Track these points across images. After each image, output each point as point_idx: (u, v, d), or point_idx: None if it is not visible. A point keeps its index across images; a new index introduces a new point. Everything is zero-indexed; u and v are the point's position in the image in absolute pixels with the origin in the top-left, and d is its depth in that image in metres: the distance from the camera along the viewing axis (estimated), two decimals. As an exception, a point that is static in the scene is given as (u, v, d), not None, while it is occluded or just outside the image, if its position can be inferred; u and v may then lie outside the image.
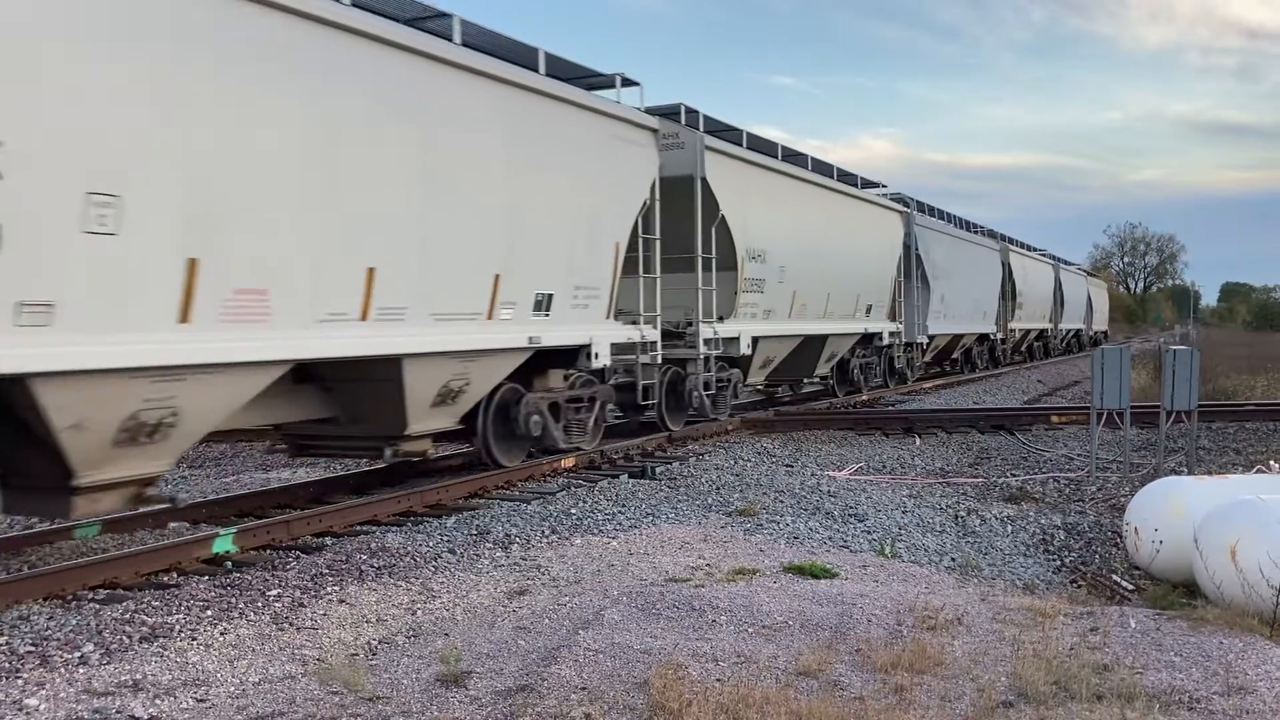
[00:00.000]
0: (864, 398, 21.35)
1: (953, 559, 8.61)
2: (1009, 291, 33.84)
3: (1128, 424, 12.50)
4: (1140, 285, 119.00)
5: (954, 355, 29.91)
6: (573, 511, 9.51)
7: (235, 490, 11.04)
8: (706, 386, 14.64)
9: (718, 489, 10.83)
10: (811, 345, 18.64)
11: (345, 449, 10.33)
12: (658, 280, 13.39)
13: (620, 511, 9.57)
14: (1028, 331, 37.95)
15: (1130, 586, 8.21)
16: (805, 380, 20.76)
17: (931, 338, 25.66)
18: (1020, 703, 4.73)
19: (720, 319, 14.90)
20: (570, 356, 11.85)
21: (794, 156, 18.01)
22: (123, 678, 5.12)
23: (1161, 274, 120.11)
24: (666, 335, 14.06)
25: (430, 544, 8.15)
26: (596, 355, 11.93)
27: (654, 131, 13.18)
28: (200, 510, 9.56)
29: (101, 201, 6.51)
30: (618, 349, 12.60)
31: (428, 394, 9.68)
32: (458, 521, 9.11)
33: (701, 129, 14.83)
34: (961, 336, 28.92)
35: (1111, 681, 4.94)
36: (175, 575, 7.40)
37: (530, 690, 4.89)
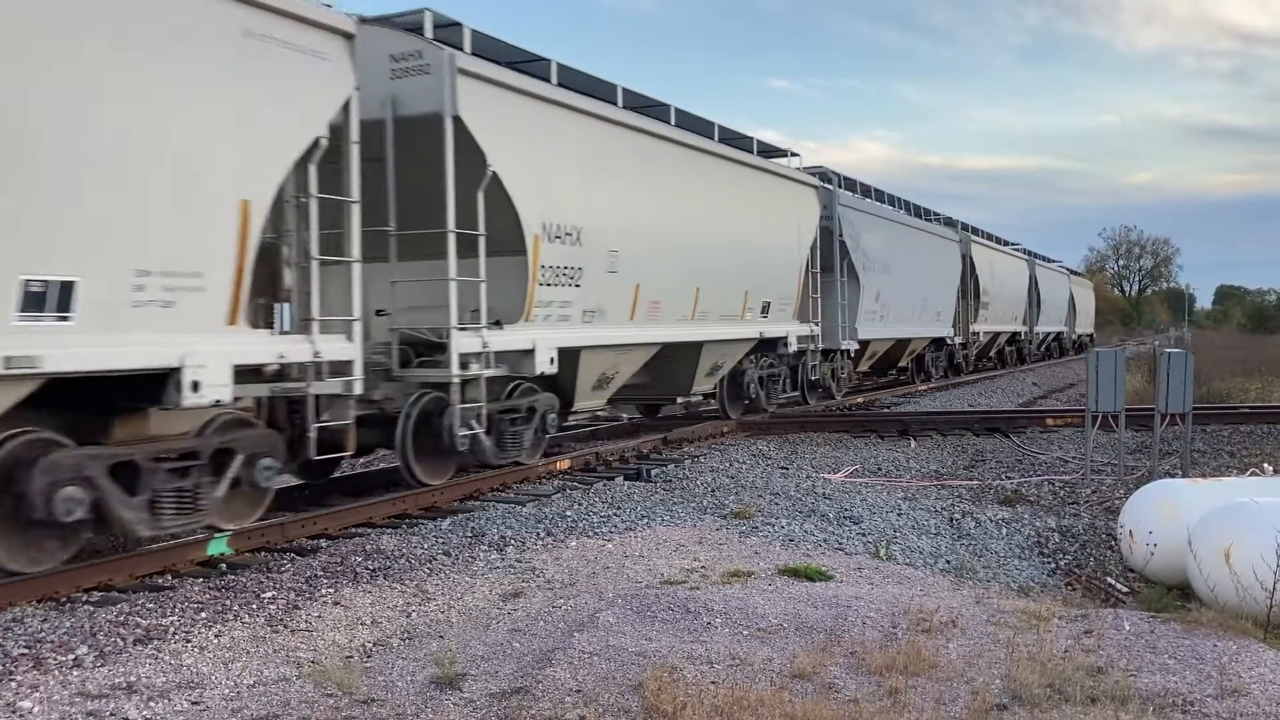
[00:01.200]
0: (770, 411, 17.61)
1: (948, 561, 8.62)
2: (971, 289, 29.54)
3: (1122, 427, 12.53)
4: (1135, 288, 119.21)
5: (901, 363, 26.14)
6: (568, 514, 9.51)
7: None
8: (482, 420, 10.36)
9: (713, 491, 10.84)
10: (681, 355, 14.48)
11: None
12: (355, 266, 8.96)
13: (615, 514, 9.57)
14: (996, 335, 33.71)
15: (1124, 589, 8.24)
16: (682, 400, 15.97)
17: (865, 343, 21.12)
18: (1014, 705, 4.73)
19: (498, 324, 10.67)
20: (157, 391, 7.49)
21: (649, 107, 13.62)
22: (117, 680, 5.11)
23: (1156, 277, 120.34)
24: (430, 348, 10.31)
25: (425, 546, 8.14)
26: (196, 385, 7.43)
27: (347, 38, 8.74)
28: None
29: None
30: (264, 374, 8.37)
31: None
32: (453, 524, 9.11)
33: (468, 49, 10.44)
34: (908, 341, 24.84)
35: (1105, 684, 4.95)
36: (169, 577, 7.38)
37: (525, 693, 4.89)
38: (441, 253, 10.03)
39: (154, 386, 7.45)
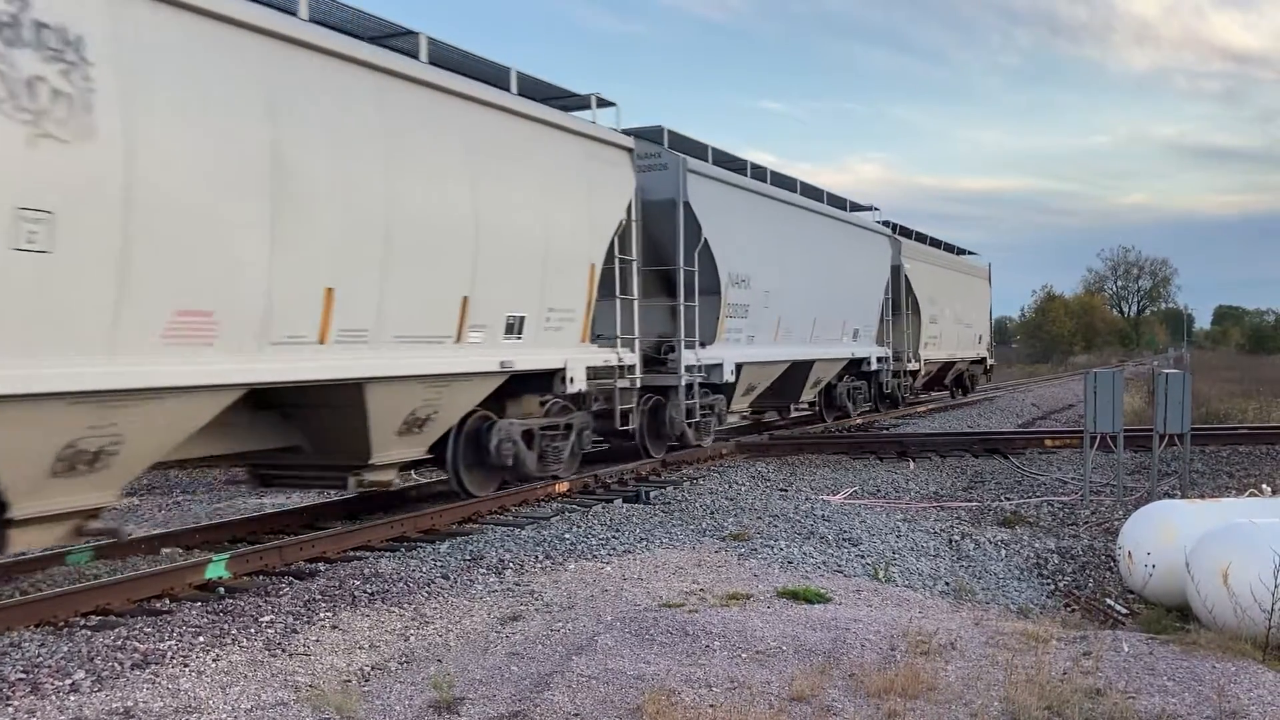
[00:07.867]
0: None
1: (946, 583, 8.62)
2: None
3: (1121, 447, 12.54)
4: (1134, 309, 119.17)
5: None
6: (566, 536, 9.50)
7: (228, 516, 11.02)
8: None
9: (712, 513, 10.83)
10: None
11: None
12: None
13: (614, 536, 9.56)
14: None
15: (1124, 610, 8.23)
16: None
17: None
18: (1013, 728, 4.73)
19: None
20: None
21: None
22: (114, 705, 5.10)
23: (1155, 297, 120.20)
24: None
25: (423, 569, 8.13)
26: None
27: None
28: (193, 536, 9.54)
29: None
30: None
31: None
32: (451, 546, 9.10)
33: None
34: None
35: (1104, 706, 4.94)
36: (167, 601, 7.37)
37: (523, 717, 4.88)
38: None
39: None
